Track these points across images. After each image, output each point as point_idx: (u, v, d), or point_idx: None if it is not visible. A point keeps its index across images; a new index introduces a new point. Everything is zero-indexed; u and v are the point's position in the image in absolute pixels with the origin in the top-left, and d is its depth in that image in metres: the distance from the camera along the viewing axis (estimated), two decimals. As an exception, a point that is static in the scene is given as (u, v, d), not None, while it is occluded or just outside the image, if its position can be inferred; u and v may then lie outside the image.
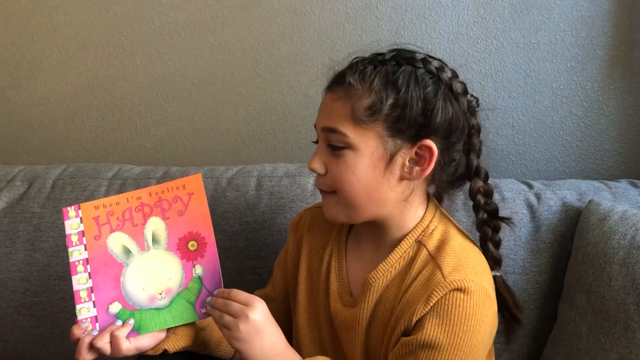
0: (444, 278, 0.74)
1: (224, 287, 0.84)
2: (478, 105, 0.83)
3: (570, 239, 1.04)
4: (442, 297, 0.73)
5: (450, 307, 0.72)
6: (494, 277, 0.80)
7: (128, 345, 0.80)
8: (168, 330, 0.86)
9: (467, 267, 0.76)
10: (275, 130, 1.34)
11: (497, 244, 0.82)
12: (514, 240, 1.05)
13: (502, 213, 1.04)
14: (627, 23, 1.19)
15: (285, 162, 1.24)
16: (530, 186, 1.12)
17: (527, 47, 1.23)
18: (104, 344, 0.79)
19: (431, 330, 0.72)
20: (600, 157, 1.26)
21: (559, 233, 1.06)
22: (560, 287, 1.03)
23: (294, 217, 1.01)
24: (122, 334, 0.80)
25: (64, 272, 1.14)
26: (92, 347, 0.80)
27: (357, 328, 0.83)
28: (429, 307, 0.73)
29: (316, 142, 0.83)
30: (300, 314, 0.93)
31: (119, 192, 1.18)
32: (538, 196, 1.09)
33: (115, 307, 0.84)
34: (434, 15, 1.24)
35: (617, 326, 0.87)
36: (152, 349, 0.84)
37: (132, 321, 0.83)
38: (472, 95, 0.82)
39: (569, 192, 1.10)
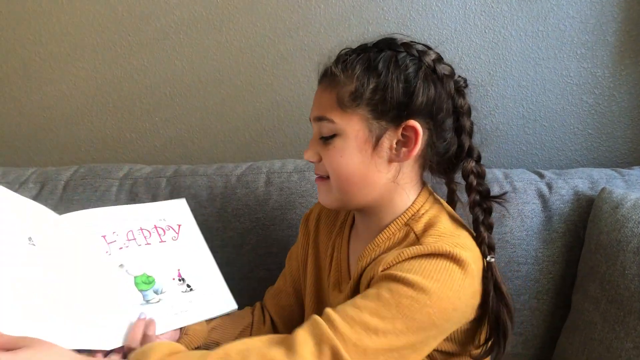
0: (420, 243, 0.74)
1: None
2: (466, 85, 0.83)
3: (582, 228, 1.03)
4: (416, 254, 0.72)
5: (424, 261, 0.71)
6: (489, 263, 0.78)
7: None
8: (181, 330, 0.88)
9: (447, 241, 0.74)
10: (284, 126, 1.34)
11: (490, 227, 0.81)
12: (526, 230, 1.05)
13: (513, 203, 1.05)
14: (637, 8, 1.18)
15: (294, 158, 1.24)
16: (541, 176, 1.11)
17: (535, 35, 1.22)
18: None
19: (403, 269, 0.71)
20: (612, 145, 1.24)
21: (571, 222, 1.05)
22: (573, 276, 1.03)
23: (306, 212, 1.01)
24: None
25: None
26: None
27: None
28: (403, 257, 0.72)
29: None
30: (307, 305, 0.95)
31: (130, 191, 1.18)
32: (549, 185, 1.08)
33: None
34: (441, 5, 1.23)
35: (631, 315, 0.86)
36: None
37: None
38: (459, 76, 0.82)
39: (580, 180, 1.09)
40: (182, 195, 1.14)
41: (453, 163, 0.84)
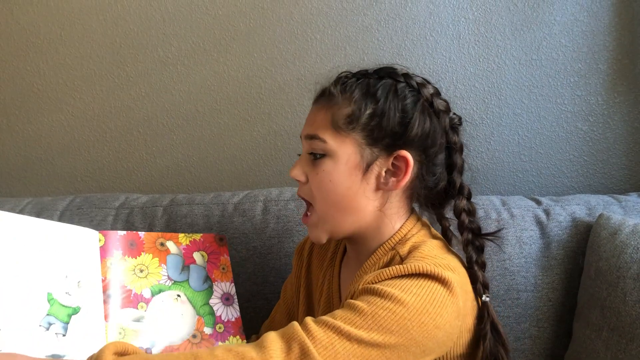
0: (402, 262, 0.73)
1: None
2: (460, 123, 0.83)
3: (581, 255, 1.03)
4: (396, 274, 0.70)
5: (404, 279, 0.69)
6: (485, 303, 0.77)
7: None
8: None
9: (430, 261, 0.72)
10: (281, 154, 1.34)
11: (483, 265, 0.80)
12: (525, 257, 1.04)
13: (511, 230, 1.05)
14: (629, 37, 1.20)
15: (292, 186, 1.24)
16: (538, 202, 1.11)
17: (529, 64, 1.24)
18: None
19: (382, 284, 0.69)
20: (608, 171, 1.25)
21: (570, 249, 1.04)
22: (573, 304, 1.02)
23: (300, 242, 1.01)
24: None
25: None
26: None
27: None
28: (382, 277, 0.70)
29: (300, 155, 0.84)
30: None
31: (126, 220, 1.18)
32: (547, 212, 1.08)
33: None
34: (435, 35, 1.25)
35: (634, 342, 0.85)
36: None
37: None
38: (454, 114, 0.83)
39: (578, 207, 1.09)
40: (178, 225, 1.14)
41: (441, 198, 0.84)
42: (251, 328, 1.02)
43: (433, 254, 0.76)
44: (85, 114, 1.40)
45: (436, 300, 0.68)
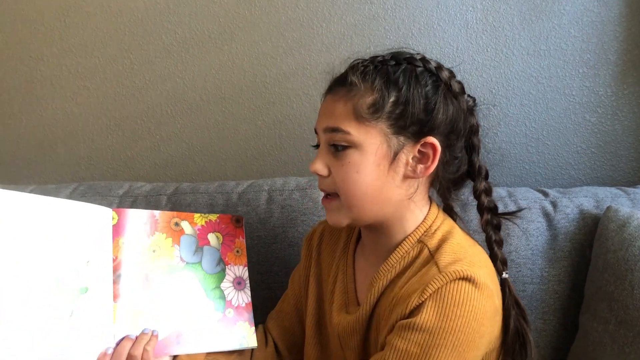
0: (439, 271, 0.73)
1: None
2: (475, 105, 0.83)
3: (588, 247, 1.02)
4: (437, 288, 0.71)
5: (445, 295, 0.70)
6: (504, 280, 0.79)
7: None
8: None
9: (463, 260, 0.74)
10: (285, 143, 1.33)
11: (500, 243, 0.81)
12: (531, 249, 1.03)
13: (517, 222, 1.04)
14: (639, 26, 1.18)
15: (296, 176, 1.23)
16: (545, 194, 1.10)
17: (537, 54, 1.22)
18: None
19: (426, 315, 0.70)
20: (616, 163, 1.23)
21: (577, 241, 1.03)
22: (579, 296, 1.01)
23: (308, 231, 1.00)
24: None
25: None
26: None
27: (358, 331, 0.81)
28: (425, 297, 0.71)
29: (316, 147, 0.82)
30: (308, 326, 0.92)
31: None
32: (554, 204, 1.07)
33: None
34: (443, 24, 1.24)
35: (641, 336, 0.85)
36: None
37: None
38: (469, 96, 0.82)
39: (585, 199, 1.08)
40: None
41: (459, 182, 0.83)
42: (257, 316, 1.01)
43: (463, 246, 0.77)
44: (89, 102, 1.39)
45: (478, 311, 0.70)
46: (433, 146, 0.76)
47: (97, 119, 1.39)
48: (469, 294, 0.70)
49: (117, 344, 0.80)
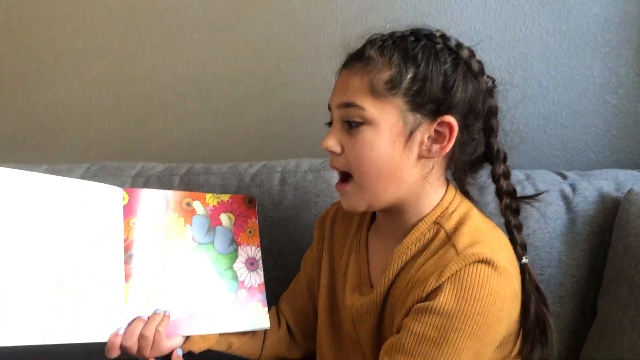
0: (457, 254, 0.71)
1: None
2: (495, 86, 0.81)
3: (608, 231, 1.00)
4: (455, 271, 0.70)
5: (463, 277, 0.69)
6: (524, 265, 0.77)
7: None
8: None
9: (482, 243, 0.72)
10: (298, 125, 1.32)
11: (519, 228, 0.80)
12: (549, 232, 1.01)
13: (535, 205, 1.02)
14: (664, 5, 1.15)
15: (309, 157, 1.21)
16: (564, 177, 1.08)
17: (557, 34, 1.19)
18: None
19: (443, 299, 0.69)
20: (636, 146, 1.20)
21: (596, 224, 1.01)
22: (598, 280, 0.99)
23: (321, 212, 0.99)
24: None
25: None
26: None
27: (372, 312, 0.80)
28: (442, 280, 0.70)
29: (329, 124, 0.81)
30: (320, 308, 0.92)
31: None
32: (573, 187, 1.05)
33: None
34: (460, 3, 1.21)
35: (663, 320, 0.83)
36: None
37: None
38: (488, 76, 0.80)
39: (605, 182, 1.05)
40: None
41: (475, 164, 0.81)
42: (270, 298, 1.01)
43: (482, 229, 0.76)
44: (101, 83, 1.38)
45: (498, 295, 0.69)
46: (450, 125, 0.74)
47: (109, 100, 1.39)
48: (489, 277, 0.69)
49: (129, 325, 0.80)
